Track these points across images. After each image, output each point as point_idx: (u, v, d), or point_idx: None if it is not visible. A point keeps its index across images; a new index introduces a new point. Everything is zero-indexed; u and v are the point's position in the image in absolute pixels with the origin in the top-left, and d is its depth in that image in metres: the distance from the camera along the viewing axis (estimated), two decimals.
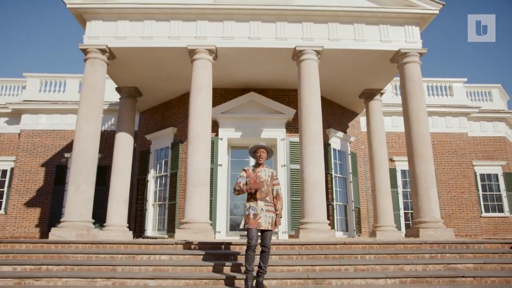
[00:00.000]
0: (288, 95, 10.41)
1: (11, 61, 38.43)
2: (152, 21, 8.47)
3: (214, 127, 9.70)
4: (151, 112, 11.86)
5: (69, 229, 7.16)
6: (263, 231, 4.61)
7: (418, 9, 8.53)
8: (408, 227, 9.96)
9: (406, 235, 8.35)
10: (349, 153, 11.41)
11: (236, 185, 4.73)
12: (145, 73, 9.59)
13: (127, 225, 9.44)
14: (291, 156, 9.84)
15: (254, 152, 4.93)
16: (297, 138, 9.36)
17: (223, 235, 9.34)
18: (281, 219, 5.02)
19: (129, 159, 9.76)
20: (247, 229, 4.56)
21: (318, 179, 7.72)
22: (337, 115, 11.44)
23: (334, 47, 8.50)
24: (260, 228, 4.56)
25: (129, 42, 8.40)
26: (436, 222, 7.64)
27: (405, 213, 13.33)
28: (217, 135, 9.92)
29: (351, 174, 11.20)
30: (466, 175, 13.83)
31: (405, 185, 13.52)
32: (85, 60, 8.26)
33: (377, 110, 10.46)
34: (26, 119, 13.71)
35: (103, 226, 9.18)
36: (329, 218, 9.07)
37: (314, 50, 8.36)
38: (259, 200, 4.65)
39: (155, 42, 8.40)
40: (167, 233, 9.85)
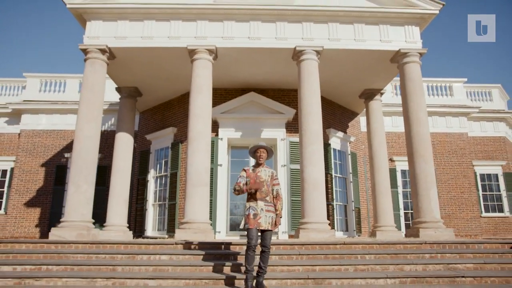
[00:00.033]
0: (288, 95, 10.42)
1: (11, 61, 38.48)
2: (152, 21, 8.48)
3: (214, 127, 9.71)
4: (151, 112, 11.87)
5: (69, 229, 7.16)
6: (263, 231, 4.61)
7: (418, 9, 8.53)
8: (408, 227, 9.96)
9: (406, 235, 8.35)
10: (349, 153, 11.41)
11: (236, 185, 4.73)
12: (145, 73, 9.59)
13: (127, 225, 9.45)
14: (291, 156, 9.84)
15: (254, 152, 4.93)
16: (297, 138, 9.36)
17: (223, 235, 9.34)
18: (281, 219, 5.01)
19: (129, 159, 9.77)
20: (247, 229, 4.56)
21: (318, 179, 7.73)
22: (337, 115, 11.44)
23: (334, 47, 8.51)
24: (260, 228, 4.56)
25: (129, 42, 8.40)
26: (436, 222, 7.64)
27: (405, 213, 13.32)
28: (217, 135, 9.92)
29: (351, 174, 11.20)
30: (466, 175, 13.83)
31: (405, 185, 13.52)
32: (85, 60, 8.27)
33: (377, 110, 10.47)
34: (26, 119, 13.72)
35: (103, 226, 9.19)
36: (329, 218, 9.07)
37: (314, 50, 8.36)
38: (259, 200, 4.65)
39: (155, 42, 8.41)
40: (167, 233, 9.86)
